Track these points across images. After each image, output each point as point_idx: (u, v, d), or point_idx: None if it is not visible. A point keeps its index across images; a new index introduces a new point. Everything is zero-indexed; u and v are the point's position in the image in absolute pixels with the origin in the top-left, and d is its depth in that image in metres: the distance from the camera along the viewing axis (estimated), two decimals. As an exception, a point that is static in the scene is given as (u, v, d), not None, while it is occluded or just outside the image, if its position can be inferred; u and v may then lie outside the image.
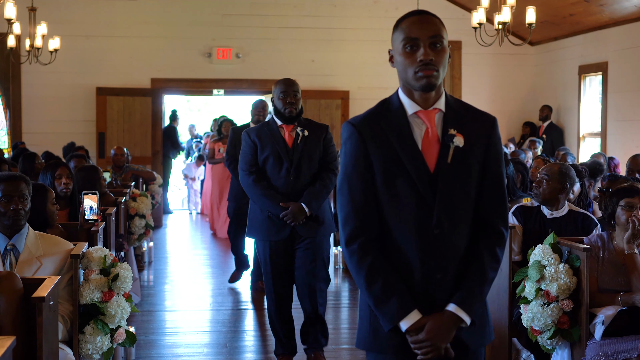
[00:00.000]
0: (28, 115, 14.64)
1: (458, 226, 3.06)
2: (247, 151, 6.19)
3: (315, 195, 6.09)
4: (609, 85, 13.10)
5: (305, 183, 6.13)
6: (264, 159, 6.14)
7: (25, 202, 4.55)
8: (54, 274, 4.45)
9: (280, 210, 6.04)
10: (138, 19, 14.85)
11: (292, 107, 6.08)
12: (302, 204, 6.04)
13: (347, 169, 3.08)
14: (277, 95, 6.11)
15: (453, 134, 3.02)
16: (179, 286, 9.59)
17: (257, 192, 6.09)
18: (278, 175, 6.11)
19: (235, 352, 6.88)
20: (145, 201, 8.97)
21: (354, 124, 3.10)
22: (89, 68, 14.68)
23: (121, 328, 4.70)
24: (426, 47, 3.02)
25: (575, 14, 13.25)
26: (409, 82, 3.05)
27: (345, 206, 3.08)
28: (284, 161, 6.09)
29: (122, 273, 4.70)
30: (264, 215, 6.15)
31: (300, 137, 6.11)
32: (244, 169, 6.18)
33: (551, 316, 4.97)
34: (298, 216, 6.04)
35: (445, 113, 3.09)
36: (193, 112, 28.99)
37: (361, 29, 15.26)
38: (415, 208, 3.01)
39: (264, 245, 6.20)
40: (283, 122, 6.14)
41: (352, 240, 3.06)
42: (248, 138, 6.19)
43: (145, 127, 14.92)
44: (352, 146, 3.07)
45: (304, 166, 6.12)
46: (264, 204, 6.09)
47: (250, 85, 15.33)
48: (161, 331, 7.54)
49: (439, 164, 3.03)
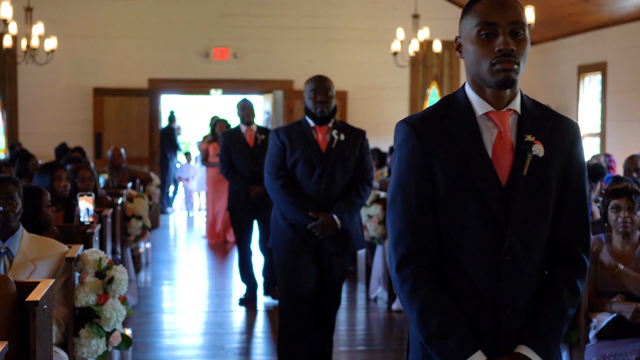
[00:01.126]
0: (24, 116, 14.59)
1: (533, 252, 2.58)
2: (275, 153, 5.58)
3: (348, 207, 5.51)
4: (608, 85, 13.07)
5: (338, 192, 5.56)
6: (294, 163, 5.55)
7: (15, 204, 4.51)
8: (49, 277, 4.41)
9: (309, 221, 5.46)
10: (135, 19, 14.81)
11: (324, 107, 5.51)
12: (334, 215, 5.47)
13: (402, 178, 2.60)
14: (307, 94, 5.55)
15: (531, 141, 2.57)
16: (176, 288, 9.56)
17: (285, 200, 5.48)
18: (309, 182, 5.52)
19: (232, 354, 6.84)
20: (141, 202, 8.93)
21: (412, 123, 2.61)
22: (86, 68, 14.63)
23: (116, 331, 4.66)
24: (506, 35, 2.53)
25: (574, 14, 13.22)
26: (481, 77, 2.57)
27: (397, 223, 2.60)
28: (316, 166, 5.51)
29: (117, 276, 4.65)
30: (287, 224, 5.54)
31: (336, 141, 5.57)
32: (271, 172, 5.58)
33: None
34: (328, 229, 5.46)
35: (520, 116, 2.65)
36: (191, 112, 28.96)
37: (359, 29, 15.23)
38: (482, 228, 2.55)
39: (284, 255, 5.57)
40: (316, 124, 5.58)
41: (404, 265, 2.58)
42: (277, 138, 5.59)
43: (142, 128, 14.87)
44: (409, 150, 2.59)
45: (338, 173, 5.55)
46: (292, 213, 5.48)
47: (248, 86, 15.29)
48: (158, 333, 7.51)
49: (513, 176, 2.57)
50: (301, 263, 5.52)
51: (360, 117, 14.69)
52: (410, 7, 13.97)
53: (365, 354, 6.96)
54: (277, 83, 15.06)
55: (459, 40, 2.65)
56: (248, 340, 7.35)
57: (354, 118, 14.57)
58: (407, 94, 15.57)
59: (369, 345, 7.30)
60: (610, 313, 4.81)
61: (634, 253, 4.97)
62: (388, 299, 8.36)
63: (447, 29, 14.96)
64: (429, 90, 15.60)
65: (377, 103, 14.98)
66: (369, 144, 5.77)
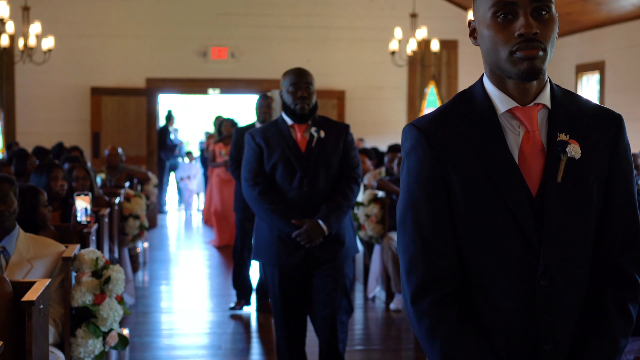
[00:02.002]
0: (22, 115, 14.57)
1: (574, 274, 2.17)
2: (252, 157, 5.14)
3: (334, 211, 5.03)
4: (606, 85, 13.06)
5: (322, 195, 5.09)
6: (272, 166, 5.08)
7: (10, 203, 4.49)
8: (45, 277, 4.39)
9: (293, 229, 4.99)
10: (133, 18, 14.79)
11: (304, 102, 5.03)
12: (319, 220, 4.99)
13: (412, 192, 2.22)
14: (285, 87, 5.08)
15: (565, 141, 2.17)
16: (173, 287, 9.54)
17: (264, 208, 5.02)
18: (289, 186, 5.05)
19: (231, 354, 6.82)
20: (139, 202, 8.91)
21: (421, 127, 2.23)
22: (83, 68, 14.62)
23: (113, 331, 4.64)
24: (527, 16, 2.11)
25: (572, 13, 13.21)
26: (500, 66, 2.18)
27: (409, 247, 2.21)
28: (296, 169, 5.05)
29: (114, 275, 4.64)
30: (272, 235, 5.07)
31: (316, 139, 5.09)
32: (248, 178, 5.12)
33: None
34: (314, 236, 4.98)
35: (551, 110, 2.24)
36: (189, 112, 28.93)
37: (357, 28, 15.21)
38: (511, 249, 2.15)
39: (272, 270, 5.11)
40: (294, 122, 5.11)
41: (421, 296, 2.19)
42: (252, 141, 5.13)
43: (140, 127, 14.85)
44: (419, 159, 2.21)
45: (321, 174, 5.07)
46: (273, 222, 5.03)
47: (245, 85, 15.27)
48: (156, 333, 7.49)
49: (545, 184, 2.16)
50: (289, 278, 5.09)
51: (358, 116, 14.68)
52: (408, 6, 13.96)
53: (363, 353, 6.94)
54: (274, 82, 15.00)
55: (473, 24, 2.26)
56: (246, 340, 7.33)
57: (351, 117, 14.56)
58: (405, 94, 15.55)
59: (367, 344, 7.28)
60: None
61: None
62: (386, 299, 8.34)
63: (445, 28, 14.98)
64: (426, 89, 15.58)
65: (375, 102, 14.97)
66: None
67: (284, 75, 5.15)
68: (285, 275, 5.09)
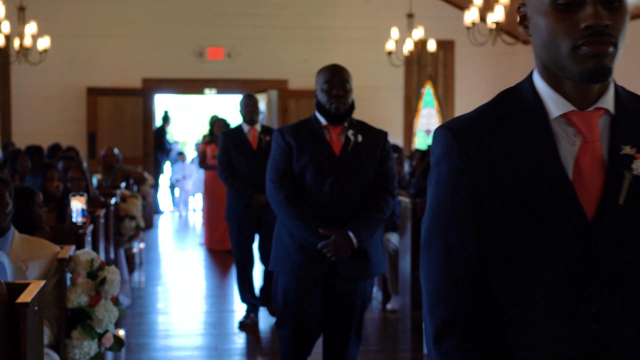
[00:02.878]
0: (18, 116, 14.54)
1: (634, 316, 1.77)
2: (279, 157, 4.69)
3: (366, 223, 4.60)
4: (602, 85, 13.05)
5: (354, 205, 4.65)
6: (301, 169, 4.64)
7: (5, 205, 4.47)
8: (40, 278, 4.37)
9: (319, 239, 4.54)
10: (129, 18, 14.77)
11: (340, 102, 4.66)
12: (349, 232, 4.56)
13: (441, 208, 1.86)
14: (319, 85, 4.72)
15: (630, 155, 1.78)
16: (170, 288, 9.52)
17: (289, 213, 4.58)
18: (319, 192, 4.61)
19: (226, 355, 6.81)
20: (135, 202, 8.89)
21: (455, 130, 1.87)
22: (79, 68, 14.60)
23: (109, 332, 4.63)
24: (596, 5, 1.74)
25: (569, 13, 13.20)
26: (559, 63, 1.80)
27: (434, 273, 1.86)
28: (328, 173, 4.62)
29: (109, 276, 4.62)
30: (294, 243, 4.63)
31: (352, 143, 4.70)
32: (274, 179, 4.68)
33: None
34: (342, 248, 4.53)
35: (615, 117, 1.84)
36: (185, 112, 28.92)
37: (354, 28, 15.20)
38: (557, 283, 1.76)
39: (289, 281, 4.66)
40: (329, 122, 4.72)
41: (445, 336, 1.82)
42: (281, 139, 4.71)
43: (136, 128, 14.83)
44: (451, 169, 1.85)
45: (354, 182, 4.64)
46: (297, 229, 4.58)
47: (242, 85, 15.25)
48: (152, 334, 7.47)
49: (604, 207, 1.76)
50: (306, 291, 4.65)
51: (355, 116, 14.60)
52: (405, 6, 13.94)
53: (360, 354, 6.91)
54: (271, 82, 15.02)
55: (524, 9, 1.92)
56: (242, 341, 7.32)
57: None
58: (401, 94, 15.55)
59: (363, 345, 7.26)
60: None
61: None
62: (382, 299, 8.34)
63: (441, 29, 14.97)
64: (423, 89, 15.58)
65: (372, 103, 14.95)
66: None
67: (318, 73, 4.79)
68: (303, 289, 4.63)
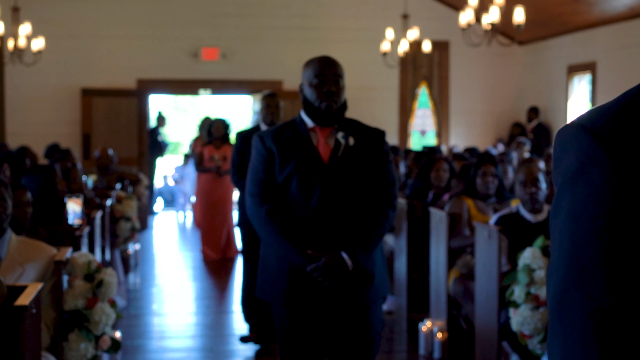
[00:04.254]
0: (12, 117, 14.52)
1: None
2: (259, 166, 4.07)
3: (363, 241, 3.97)
4: (597, 85, 13.09)
5: (347, 220, 4.01)
6: (285, 179, 4.02)
7: (6, 206, 4.46)
8: (37, 280, 4.37)
9: (308, 262, 3.93)
10: (123, 19, 14.76)
11: (331, 99, 4.00)
12: (343, 253, 3.93)
13: (582, 252, 1.24)
14: (308, 80, 4.05)
15: None
16: (165, 289, 9.51)
17: (273, 231, 3.97)
18: (306, 206, 3.97)
19: (222, 356, 6.82)
20: (130, 204, 8.88)
21: (599, 132, 1.25)
22: (73, 69, 14.59)
23: (106, 335, 4.63)
24: None
25: (564, 14, 13.23)
26: None
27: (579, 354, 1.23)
28: (316, 184, 3.97)
29: (106, 279, 4.62)
30: (282, 267, 4.02)
31: (343, 148, 4.03)
32: (253, 193, 4.06)
33: (541, 320, 4.93)
34: (335, 272, 3.91)
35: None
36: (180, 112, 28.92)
37: (349, 29, 15.21)
38: None
39: (281, 311, 4.08)
40: (317, 124, 4.07)
41: None
42: (261, 145, 4.08)
43: (131, 128, 14.83)
44: (598, 191, 1.23)
45: (347, 193, 4.00)
46: (283, 250, 3.98)
47: (237, 86, 15.26)
48: (147, 335, 7.47)
49: None
50: (301, 322, 4.05)
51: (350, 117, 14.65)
52: (400, 7, 13.96)
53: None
54: (266, 83, 15.02)
55: None
56: (237, 343, 7.32)
57: (343, 118, 14.55)
58: (396, 94, 15.56)
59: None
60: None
61: None
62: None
63: (436, 29, 14.98)
64: (418, 90, 15.60)
65: (367, 103, 14.96)
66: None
67: (306, 65, 4.09)
68: (296, 319, 4.04)
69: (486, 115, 15.85)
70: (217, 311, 8.34)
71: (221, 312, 8.34)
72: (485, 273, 5.77)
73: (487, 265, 5.73)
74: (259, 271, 4.20)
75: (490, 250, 5.66)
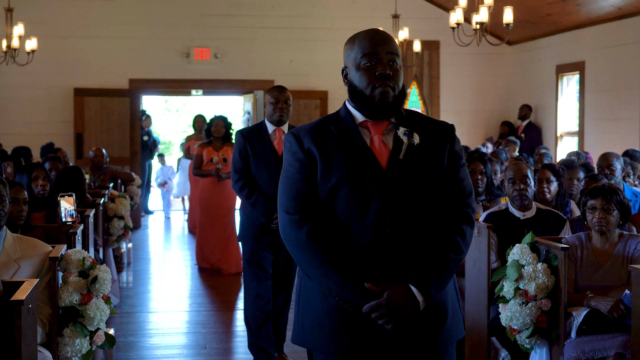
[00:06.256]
0: (5, 117, 14.54)
1: None
2: (296, 174, 3.13)
3: (437, 269, 3.05)
4: (586, 85, 13.17)
5: (414, 241, 3.09)
6: (331, 191, 3.08)
7: (4, 204, 4.52)
8: (33, 277, 4.41)
9: (365, 299, 3.00)
10: (115, 19, 14.79)
11: (387, 85, 3.09)
12: (411, 286, 3.01)
13: None
14: (354, 62, 3.16)
15: None
16: (158, 287, 9.56)
17: (319, 261, 3.05)
18: (360, 225, 3.06)
19: (215, 353, 6.86)
20: (123, 202, 8.94)
21: None
22: (66, 69, 14.61)
23: (100, 330, 4.68)
24: None
25: (553, 14, 13.31)
26: None
27: None
28: (373, 196, 3.05)
29: (101, 275, 4.67)
30: (329, 305, 3.10)
31: (405, 148, 3.07)
32: (289, 209, 3.14)
33: (530, 315, 4.99)
34: (402, 311, 2.98)
35: None
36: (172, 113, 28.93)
37: (339, 29, 15.26)
38: None
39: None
40: (369, 117, 3.13)
41: None
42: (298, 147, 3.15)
43: (123, 128, 14.86)
44: None
45: (412, 206, 3.08)
46: (332, 284, 3.03)
47: (228, 86, 15.31)
48: (141, 333, 7.52)
49: None
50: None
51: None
52: (390, 7, 14.03)
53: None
54: (257, 83, 15.08)
55: None
56: (230, 340, 7.37)
57: (334, 118, 14.59)
58: (387, 94, 15.61)
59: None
60: (587, 308, 4.87)
61: (613, 251, 5.03)
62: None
63: (426, 29, 15.05)
64: (408, 90, 15.65)
65: (358, 103, 14.98)
66: None
67: (350, 42, 3.20)
68: None
69: (476, 115, 15.93)
70: (210, 309, 8.39)
71: (213, 309, 8.40)
72: (475, 270, 5.84)
73: (477, 262, 5.80)
74: (297, 309, 3.27)
75: (480, 247, 5.73)
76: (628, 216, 5.10)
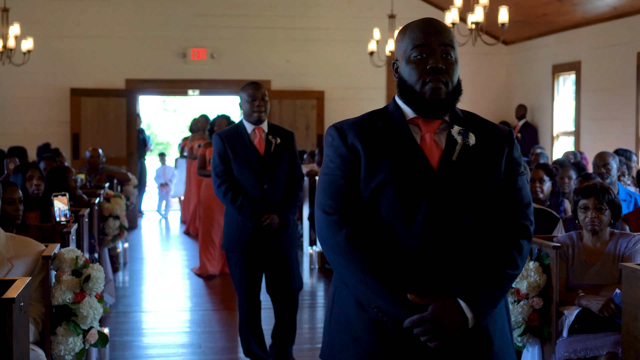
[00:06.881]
0: (1, 117, 14.56)
1: None
2: (337, 171, 2.87)
3: (490, 284, 2.77)
4: (582, 84, 13.20)
5: (466, 252, 2.82)
6: (375, 191, 2.81)
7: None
8: (26, 276, 4.43)
9: (408, 312, 2.71)
10: (112, 19, 14.81)
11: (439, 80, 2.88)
12: (460, 301, 2.73)
13: None
14: (404, 53, 2.90)
15: None
16: (153, 287, 9.57)
17: (358, 267, 2.76)
18: (407, 231, 2.79)
19: (210, 352, 6.88)
20: (119, 202, 8.95)
21: None
22: (62, 69, 14.63)
23: (93, 329, 4.69)
24: None
25: (548, 14, 13.34)
26: None
27: None
28: (422, 199, 2.79)
29: (94, 274, 4.68)
30: (366, 318, 2.81)
31: (459, 149, 2.82)
32: (328, 209, 2.85)
33: (521, 313, 5.00)
34: (448, 328, 2.68)
35: None
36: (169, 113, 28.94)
37: (335, 29, 15.30)
38: None
39: None
40: (419, 114, 2.89)
41: None
42: (340, 141, 2.87)
43: (119, 128, 14.88)
44: None
45: (466, 213, 2.82)
46: (372, 294, 2.74)
47: (225, 86, 15.33)
48: (136, 332, 7.53)
49: None
50: None
51: (337, 117, 14.72)
52: (387, 7, 14.04)
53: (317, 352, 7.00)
54: (254, 83, 15.07)
55: None
56: (226, 339, 7.38)
57: (330, 118, 14.64)
58: (384, 94, 15.65)
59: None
60: (579, 307, 4.89)
61: (604, 250, 5.05)
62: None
63: (423, 29, 15.04)
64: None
65: (354, 103, 15.04)
66: None
67: (401, 34, 2.94)
68: None
69: (472, 115, 15.93)
70: (205, 308, 8.40)
71: (209, 309, 8.41)
72: (467, 268, 5.85)
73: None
74: (329, 322, 2.96)
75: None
76: (619, 215, 5.12)
